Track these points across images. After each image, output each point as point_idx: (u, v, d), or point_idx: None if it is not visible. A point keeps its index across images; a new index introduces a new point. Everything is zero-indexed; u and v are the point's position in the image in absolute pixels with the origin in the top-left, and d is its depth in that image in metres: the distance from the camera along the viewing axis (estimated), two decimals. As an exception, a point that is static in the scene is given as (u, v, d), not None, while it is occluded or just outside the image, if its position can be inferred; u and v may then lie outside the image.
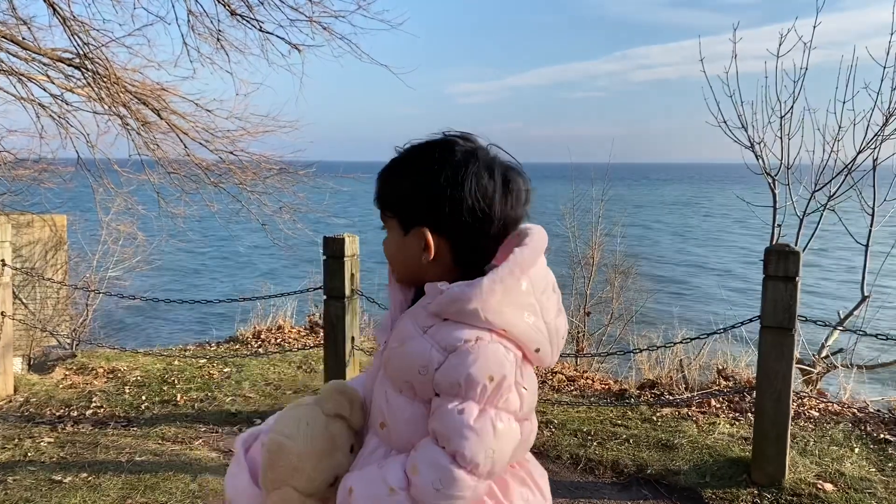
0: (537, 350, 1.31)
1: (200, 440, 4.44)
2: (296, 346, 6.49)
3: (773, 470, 3.69)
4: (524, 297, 1.28)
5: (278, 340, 6.62)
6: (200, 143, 8.11)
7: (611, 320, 7.02)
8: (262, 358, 6.05)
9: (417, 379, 1.28)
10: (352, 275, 4.72)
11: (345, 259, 4.66)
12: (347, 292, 4.69)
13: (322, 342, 6.59)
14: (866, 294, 6.71)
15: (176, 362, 5.90)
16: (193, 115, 8.11)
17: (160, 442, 4.39)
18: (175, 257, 19.05)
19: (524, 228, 1.34)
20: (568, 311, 7.22)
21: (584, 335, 6.80)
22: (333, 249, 4.68)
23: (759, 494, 3.63)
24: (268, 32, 7.47)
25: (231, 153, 8.28)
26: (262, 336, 6.68)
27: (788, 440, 3.72)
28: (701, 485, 3.78)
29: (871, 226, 6.78)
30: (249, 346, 6.54)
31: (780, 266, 3.61)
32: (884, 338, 3.90)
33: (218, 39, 7.20)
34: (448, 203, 1.28)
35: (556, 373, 5.86)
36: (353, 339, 4.78)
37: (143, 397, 5.15)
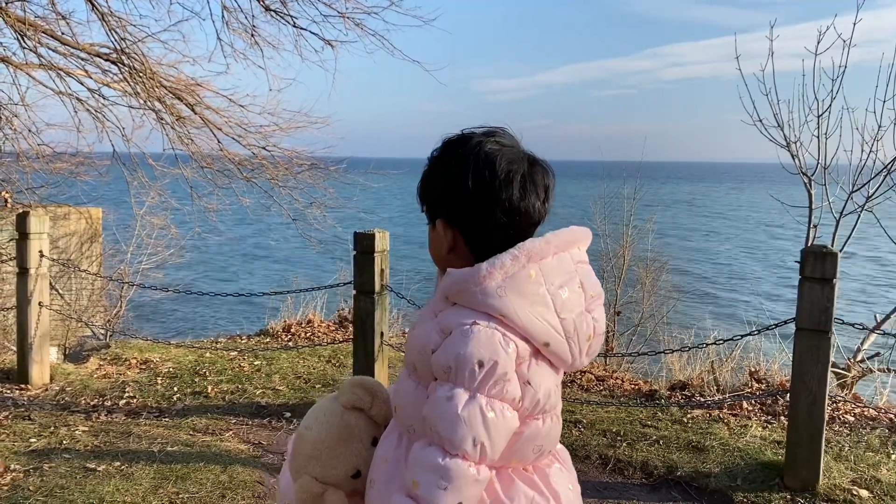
0: (546, 344, 1.27)
1: (231, 432, 4.49)
2: (325, 340, 6.53)
3: (807, 475, 3.63)
4: (531, 287, 1.26)
5: (308, 334, 6.67)
6: (233, 139, 8.20)
7: (641, 320, 6.97)
8: (291, 351, 6.09)
9: (419, 360, 1.31)
10: (381, 270, 4.73)
11: (374, 254, 4.66)
12: (377, 288, 4.69)
13: (351, 337, 6.64)
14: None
15: (207, 354, 5.97)
16: (226, 110, 8.20)
17: (191, 433, 4.45)
18: (207, 250, 19.30)
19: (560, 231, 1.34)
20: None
21: (613, 334, 6.75)
22: (363, 245, 4.69)
23: (792, 499, 3.57)
24: (301, 28, 7.53)
25: (263, 148, 8.36)
26: (293, 330, 6.74)
27: (823, 445, 3.66)
28: (732, 488, 3.73)
29: (910, 227, 6.64)
30: (280, 339, 6.59)
31: (818, 267, 3.54)
32: (924, 342, 3.81)
33: (252, 35, 7.27)
34: (454, 194, 1.32)
35: (584, 372, 5.83)
36: (382, 334, 4.79)
37: (175, 388, 5.22)
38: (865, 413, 4.77)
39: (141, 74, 7.08)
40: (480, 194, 1.30)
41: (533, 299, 1.26)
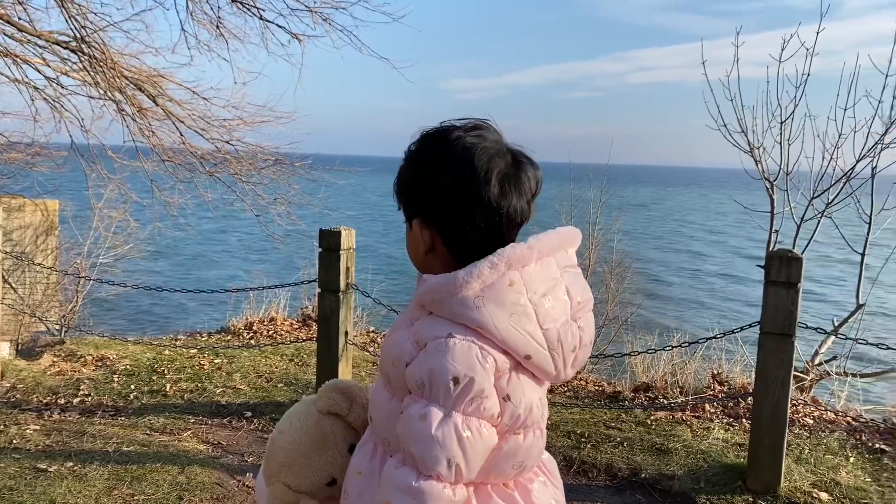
0: (527, 357, 1.20)
1: (189, 432, 4.38)
2: (288, 338, 6.43)
3: (769, 477, 3.65)
4: (510, 296, 1.18)
5: (270, 332, 6.56)
6: (196, 132, 8.03)
7: (605, 321, 6.99)
8: (253, 350, 5.98)
9: (393, 372, 1.25)
10: (347, 268, 4.66)
11: (340, 252, 4.59)
12: (342, 286, 4.63)
13: (314, 336, 6.55)
14: (861, 302, 6.69)
15: (166, 352, 5.83)
16: (189, 102, 8.03)
17: (148, 432, 4.33)
18: (168, 245, 18.95)
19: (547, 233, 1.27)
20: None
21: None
22: (329, 242, 4.62)
23: (754, 502, 3.60)
24: (268, 21, 7.41)
25: (227, 142, 8.20)
26: (255, 327, 6.62)
27: (785, 448, 3.69)
28: (695, 490, 3.74)
29: (867, 234, 6.76)
30: (241, 337, 6.47)
31: (783, 271, 3.57)
32: (885, 347, 3.87)
33: (217, 27, 7.12)
34: (430, 193, 1.24)
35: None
36: (346, 333, 4.72)
37: (132, 386, 5.08)
38: (824, 416, 4.83)
39: (102, 64, 6.89)
40: (458, 193, 1.21)
41: (513, 309, 1.18)
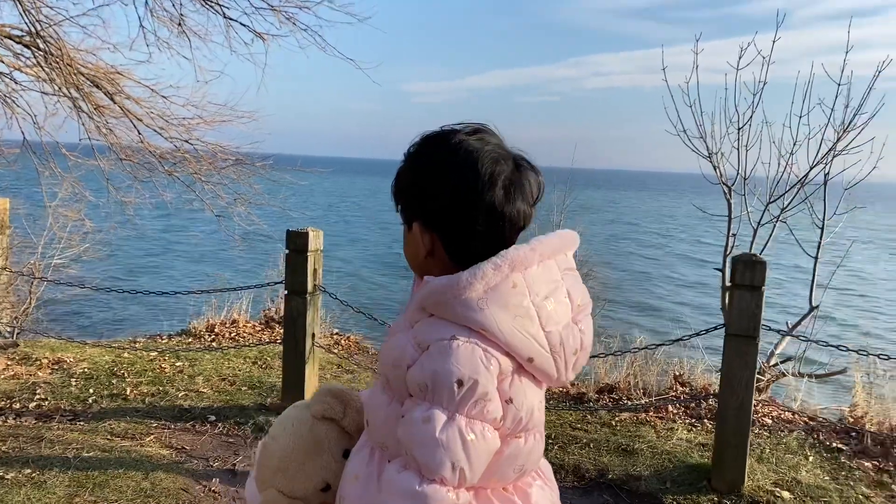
0: (530, 360, 1.20)
1: (152, 436, 4.29)
2: (251, 340, 6.34)
3: (734, 477, 3.73)
4: (513, 298, 1.18)
5: (233, 335, 6.46)
6: (154, 130, 7.88)
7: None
8: (216, 352, 5.88)
9: (393, 375, 1.23)
10: (314, 270, 4.63)
11: (308, 254, 4.56)
12: (310, 288, 4.59)
13: (277, 338, 6.47)
14: (815, 305, 6.88)
15: (125, 354, 5.70)
16: (148, 100, 7.86)
17: (109, 437, 4.23)
18: (125, 246, 18.54)
19: (546, 236, 1.27)
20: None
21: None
22: (296, 243, 4.58)
23: (720, 501, 3.66)
24: (231, 19, 7.31)
25: (186, 141, 8.05)
26: (216, 330, 6.51)
27: (749, 448, 3.76)
28: (662, 490, 3.80)
29: (820, 238, 6.95)
30: (202, 339, 6.36)
31: (747, 275, 3.64)
32: (845, 349, 3.98)
33: (180, 24, 6.99)
34: (431, 197, 1.24)
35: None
36: (313, 335, 4.68)
37: (91, 390, 4.95)
38: (782, 416, 4.95)
39: (57, 60, 6.70)
40: (461, 197, 1.21)
41: (516, 311, 1.18)
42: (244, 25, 7.16)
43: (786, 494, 3.71)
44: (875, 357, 4.53)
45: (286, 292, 4.67)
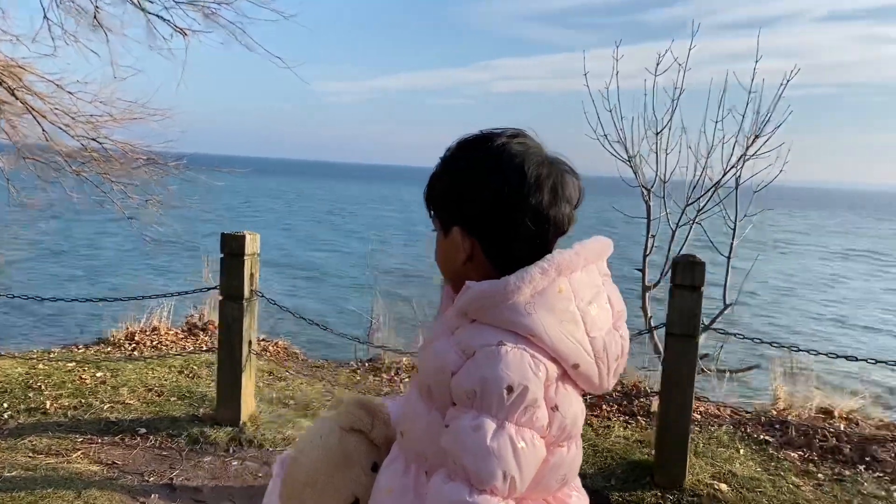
0: (576, 366, 1.18)
1: (79, 452, 4.05)
2: (174, 349, 6.09)
3: (676, 472, 3.84)
4: (560, 303, 1.17)
5: (154, 343, 6.18)
6: (60, 128, 7.48)
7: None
8: (138, 362, 5.62)
9: (435, 383, 1.19)
10: (251, 274, 4.48)
11: (244, 257, 4.41)
12: (246, 293, 4.44)
13: (203, 345, 6.25)
14: (728, 303, 7.20)
15: (40, 366, 5.36)
16: (52, 96, 7.45)
17: (31, 455, 3.97)
18: (33, 249, 17.50)
19: (588, 241, 1.26)
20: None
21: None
22: (232, 247, 4.42)
23: (663, 496, 3.77)
24: (147, 12, 7.01)
25: (94, 140, 7.68)
26: (136, 338, 6.21)
27: (689, 443, 3.89)
28: (607, 488, 3.88)
29: (732, 239, 7.28)
30: (122, 348, 6.05)
31: (687, 276, 3.77)
32: (772, 343, 4.17)
33: (95, 17, 6.65)
34: (473, 200, 1.21)
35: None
36: (250, 342, 4.53)
37: (6, 405, 4.63)
38: (709, 411, 5.15)
39: (-45, 51, 6.27)
40: (507, 201, 1.18)
41: (563, 316, 1.16)
42: (164, 20, 6.87)
43: (724, 487, 3.86)
44: (789, 350, 4.78)
45: (221, 298, 4.50)
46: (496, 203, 1.19)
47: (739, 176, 7.12)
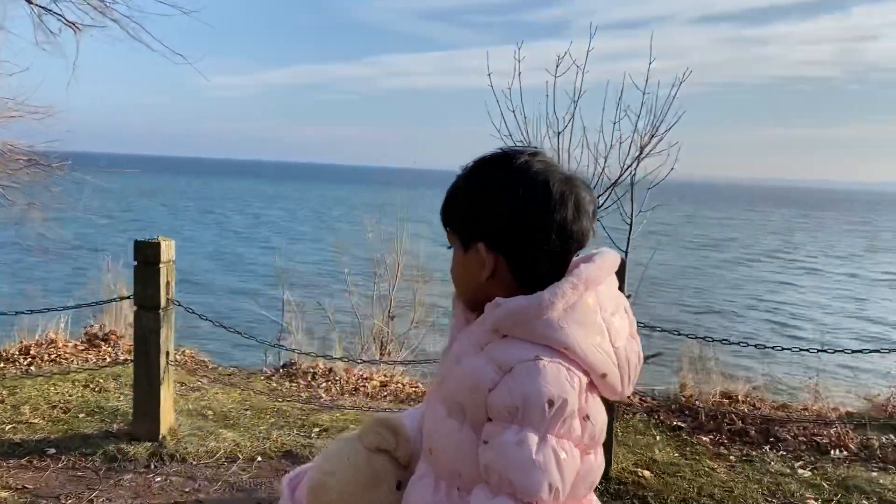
0: (604, 375, 1.22)
1: (-16, 478, 3.78)
2: (75, 362, 5.75)
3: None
4: (590, 315, 1.21)
5: (52, 357, 5.82)
6: (-74, 127, 6.93)
7: (413, 324, 7.16)
8: (37, 378, 5.28)
9: (469, 399, 1.20)
10: (167, 283, 4.31)
11: (160, 265, 4.23)
12: (163, 302, 4.27)
13: (106, 357, 5.95)
14: (627, 294, 7.53)
15: (-74, 387, 4.95)
16: (-84, 92, 6.91)
17: (-70, 485, 3.67)
18: None
19: (595, 252, 1.30)
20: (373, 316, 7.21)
21: (391, 340, 6.86)
22: (147, 255, 4.24)
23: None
24: (34, 4, 6.58)
25: (-36, 139, 7.15)
26: (32, 352, 5.83)
27: (614, 433, 4.05)
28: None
29: (629, 234, 7.62)
30: (17, 363, 5.66)
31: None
32: (660, 329, 4.41)
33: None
34: (499, 217, 1.23)
35: (368, 379, 5.84)
36: (167, 354, 4.36)
37: None
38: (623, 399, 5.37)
39: None
40: (534, 217, 1.21)
41: (591, 329, 1.20)
42: (53, 13, 6.48)
43: (647, 474, 4.04)
44: (695, 339, 5.07)
45: (135, 308, 4.31)
46: (523, 219, 1.22)
47: (634, 174, 7.48)
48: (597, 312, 1.23)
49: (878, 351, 4.24)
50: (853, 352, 4.28)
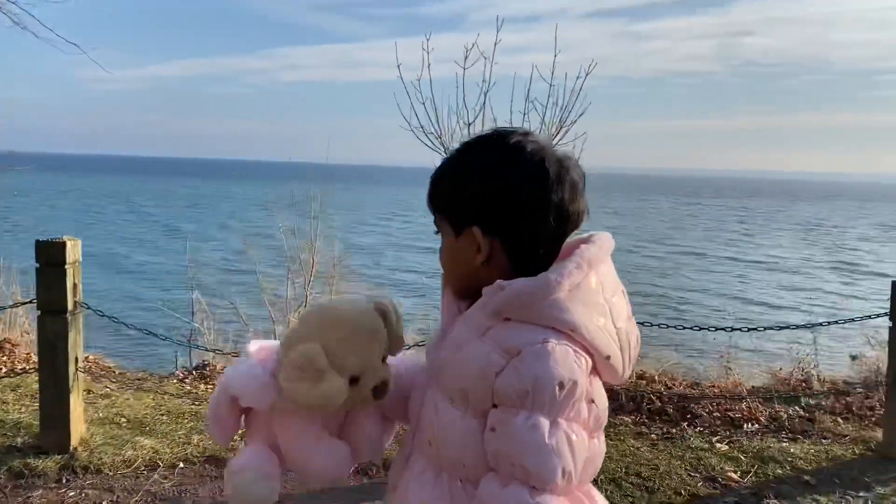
0: (608, 357, 1.18)
1: None
2: (-35, 374, 5.33)
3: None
4: (593, 296, 1.18)
5: (-62, 369, 5.37)
6: None
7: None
8: (-75, 392, 4.86)
9: (473, 386, 1.16)
10: (74, 285, 4.06)
11: (66, 266, 3.98)
12: (70, 306, 4.01)
13: (1, 367, 5.54)
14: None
15: None
16: None
17: None
18: None
19: (589, 235, 1.27)
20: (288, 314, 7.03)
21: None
22: (50, 255, 3.97)
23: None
24: None
25: None
26: (-87, 365, 5.36)
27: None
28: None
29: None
30: None
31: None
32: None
33: None
34: (495, 199, 1.19)
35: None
36: (76, 359, 4.10)
37: None
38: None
39: None
40: (532, 198, 1.17)
41: (595, 309, 1.17)
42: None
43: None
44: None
45: (39, 313, 4.03)
46: (520, 200, 1.18)
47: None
48: (599, 293, 1.20)
49: (787, 327, 4.48)
50: (764, 329, 4.50)
